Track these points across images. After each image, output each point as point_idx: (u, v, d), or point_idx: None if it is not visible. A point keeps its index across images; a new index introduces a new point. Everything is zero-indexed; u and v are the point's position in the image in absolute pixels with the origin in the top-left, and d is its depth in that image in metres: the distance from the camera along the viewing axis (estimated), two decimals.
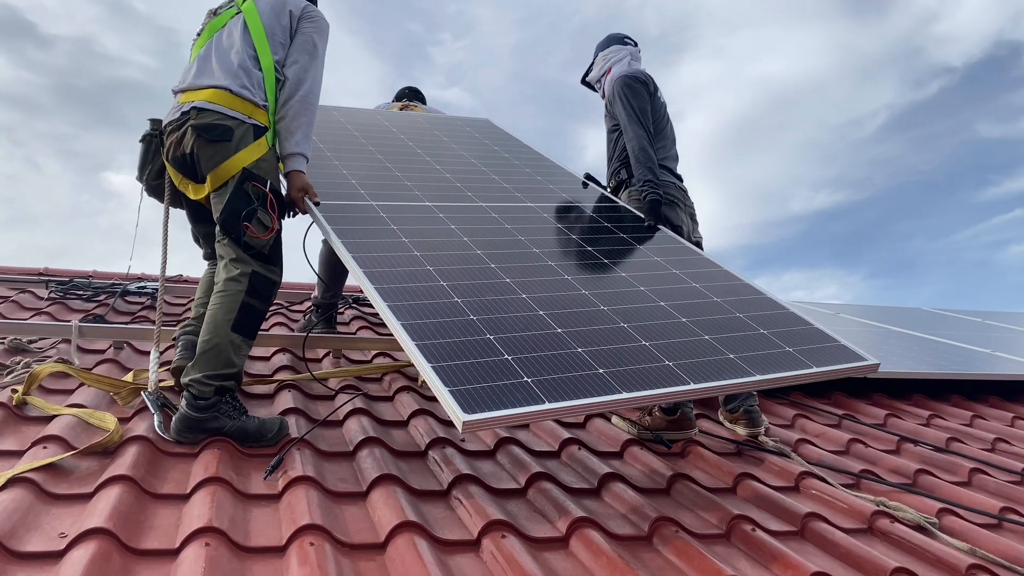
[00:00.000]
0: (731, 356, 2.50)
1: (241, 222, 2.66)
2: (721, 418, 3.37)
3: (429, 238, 3.01)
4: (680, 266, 3.11)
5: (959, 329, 6.40)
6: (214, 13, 3.10)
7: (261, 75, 2.85)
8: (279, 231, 2.78)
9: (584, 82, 3.96)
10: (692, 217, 3.55)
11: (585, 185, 3.87)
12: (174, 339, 3.06)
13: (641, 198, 3.40)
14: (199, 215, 3.07)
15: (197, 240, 3.23)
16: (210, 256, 3.21)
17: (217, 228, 2.72)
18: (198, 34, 3.10)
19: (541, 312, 2.56)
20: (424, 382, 3.50)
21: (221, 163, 2.68)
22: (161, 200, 3.13)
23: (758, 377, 2.42)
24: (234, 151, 2.70)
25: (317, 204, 3.02)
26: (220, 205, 2.70)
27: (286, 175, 2.91)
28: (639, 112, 3.43)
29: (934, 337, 5.80)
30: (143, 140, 3.10)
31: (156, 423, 2.55)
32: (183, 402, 2.51)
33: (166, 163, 2.92)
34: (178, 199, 3.09)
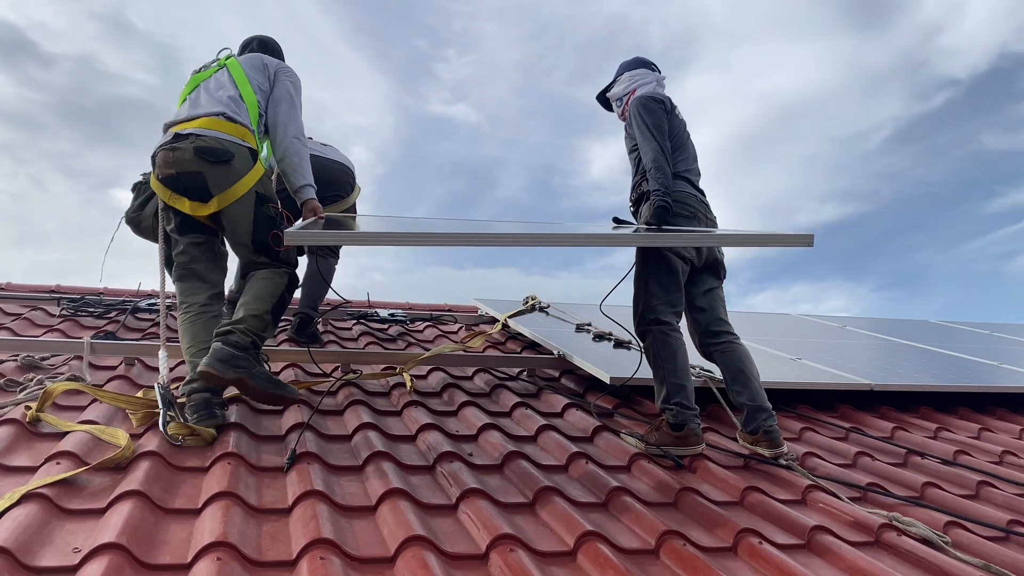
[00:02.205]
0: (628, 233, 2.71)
1: (273, 242, 3.07)
2: (740, 440, 3.38)
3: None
4: (659, 240, 3.28)
5: (966, 341, 6.40)
6: (197, 72, 3.42)
7: (246, 106, 3.24)
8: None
9: (601, 97, 3.97)
10: None
11: (616, 227, 3.83)
12: (182, 393, 2.91)
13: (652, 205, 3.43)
14: (190, 227, 3.15)
15: (168, 263, 3.26)
16: (185, 277, 3.18)
17: (251, 251, 3.09)
18: (185, 88, 3.38)
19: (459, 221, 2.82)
20: (412, 388, 3.63)
21: (229, 186, 3.01)
22: (139, 232, 3.43)
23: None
24: (239, 174, 3.03)
25: (322, 219, 3.38)
26: (242, 227, 3.05)
27: (301, 204, 3.35)
28: (653, 128, 3.48)
29: (941, 349, 5.79)
30: (133, 188, 3.42)
31: (161, 423, 2.60)
32: (218, 343, 2.80)
33: (155, 182, 3.10)
34: (151, 231, 3.33)
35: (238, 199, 3.01)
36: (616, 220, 3.87)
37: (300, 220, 3.35)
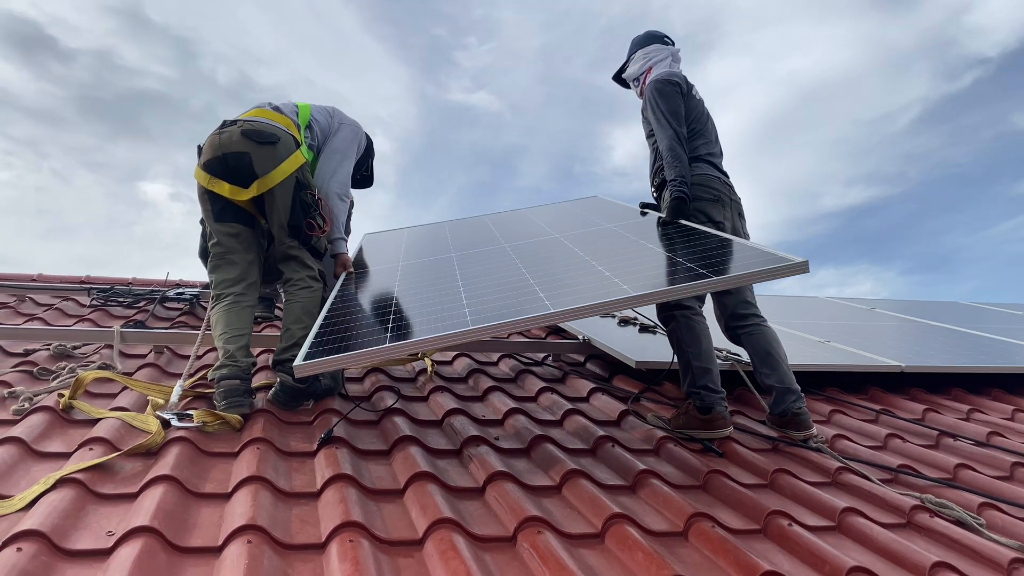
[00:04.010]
0: (622, 285, 2.53)
1: (306, 229, 3.18)
2: (769, 423, 3.35)
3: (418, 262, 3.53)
4: (663, 242, 3.09)
5: (998, 322, 6.29)
6: None
7: (298, 111, 3.45)
8: (314, 228, 3.26)
9: (618, 78, 3.91)
10: (740, 214, 3.50)
11: (644, 214, 3.77)
12: (211, 379, 2.95)
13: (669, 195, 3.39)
14: (227, 215, 3.16)
15: (204, 253, 3.33)
16: (220, 267, 3.18)
17: (286, 233, 3.18)
18: None
19: (464, 298, 2.74)
20: (433, 373, 3.67)
21: (273, 168, 3.08)
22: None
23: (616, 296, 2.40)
24: (282, 157, 3.12)
25: (352, 273, 3.64)
26: (280, 212, 3.13)
27: (334, 256, 3.56)
28: (668, 114, 3.42)
29: (972, 331, 5.70)
30: (201, 221, 3.46)
31: (172, 418, 2.64)
32: (280, 379, 2.97)
33: (197, 171, 3.13)
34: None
35: (279, 183, 3.09)
36: (643, 205, 3.83)
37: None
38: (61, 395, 2.79)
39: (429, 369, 3.69)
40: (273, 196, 3.10)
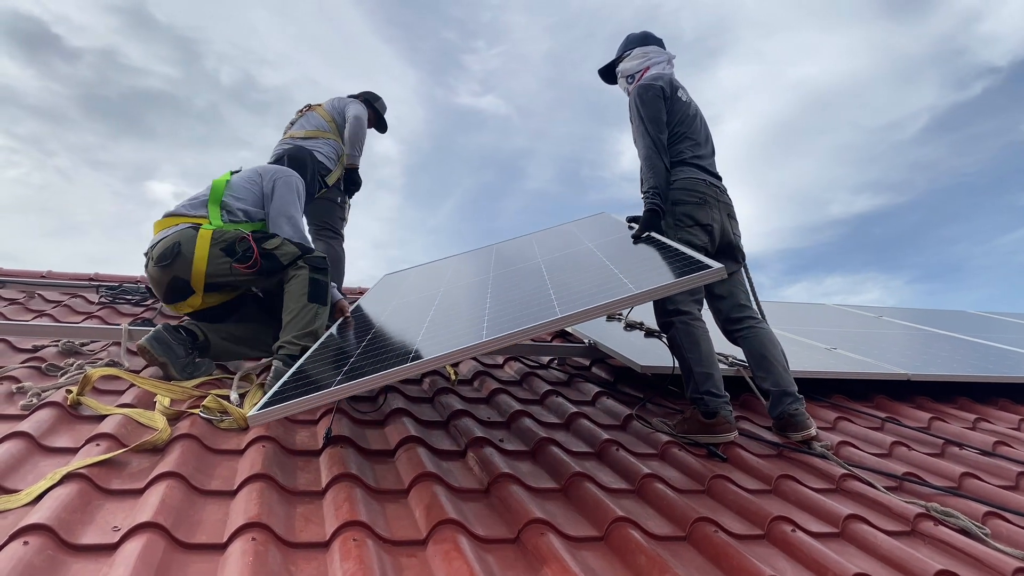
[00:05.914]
0: (556, 308, 2.53)
1: (246, 264, 3.40)
2: (774, 428, 3.35)
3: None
4: (624, 259, 3.03)
5: (1006, 332, 6.27)
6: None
7: (207, 196, 3.63)
8: (261, 256, 3.45)
9: (606, 72, 3.86)
10: (730, 215, 3.49)
11: (631, 228, 3.68)
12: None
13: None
14: (212, 317, 3.62)
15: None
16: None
17: (253, 281, 3.51)
18: None
19: (421, 335, 2.74)
20: (456, 380, 3.63)
21: (190, 271, 3.39)
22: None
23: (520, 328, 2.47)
24: (191, 256, 3.38)
25: (350, 320, 3.66)
26: (228, 278, 3.45)
27: (335, 303, 3.76)
28: (648, 122, 3.39)
29: (980, 340, 5.68)
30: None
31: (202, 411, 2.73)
32: (275, 363, 3.17)
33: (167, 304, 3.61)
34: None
35: (206, 270, 3.38)
36: (630, 219, 3.80)
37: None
38: (69, 391, 2.80)
39: (453, 377, 3.71)
40: (214, 278, 3.42)
